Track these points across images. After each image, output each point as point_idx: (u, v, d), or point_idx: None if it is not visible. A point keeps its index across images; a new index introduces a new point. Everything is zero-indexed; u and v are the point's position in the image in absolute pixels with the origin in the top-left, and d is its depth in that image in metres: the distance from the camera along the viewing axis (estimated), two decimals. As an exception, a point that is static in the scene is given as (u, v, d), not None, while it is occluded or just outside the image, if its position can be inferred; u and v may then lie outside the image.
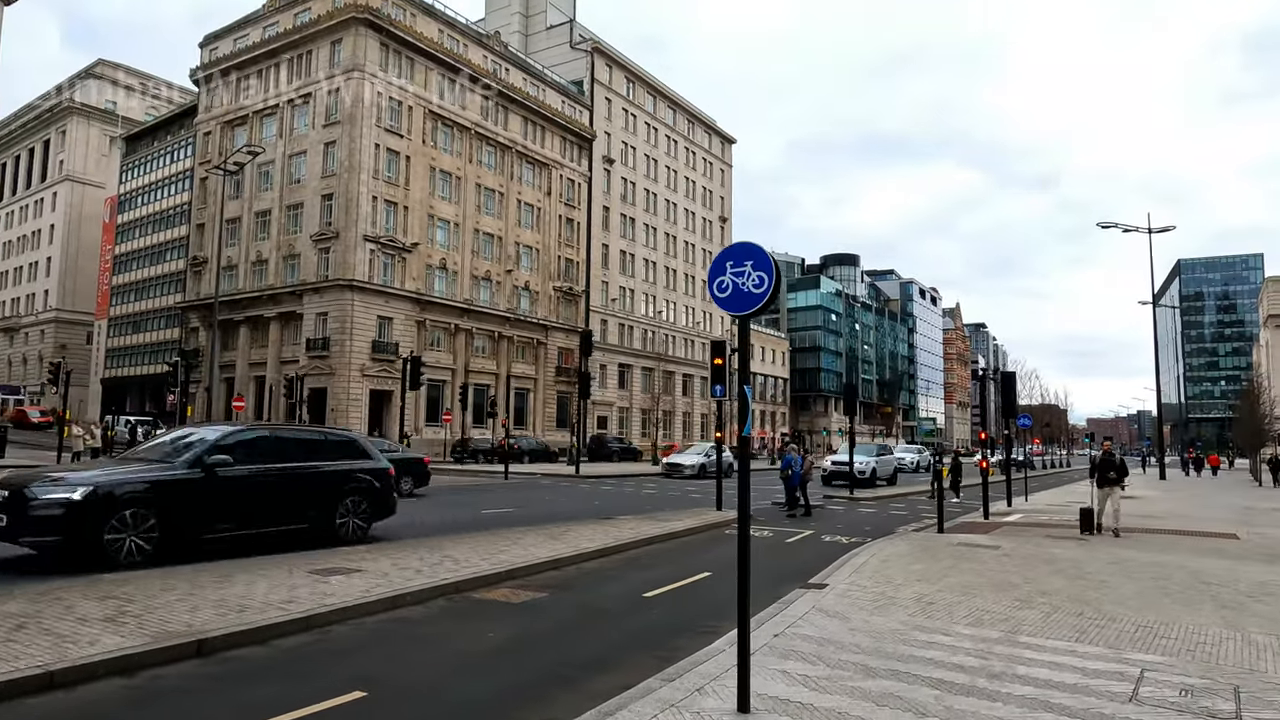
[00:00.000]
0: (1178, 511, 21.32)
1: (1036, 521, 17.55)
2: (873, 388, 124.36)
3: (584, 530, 12.79)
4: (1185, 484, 39.66)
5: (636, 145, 75.19)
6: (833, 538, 14.16)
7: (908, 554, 11.32)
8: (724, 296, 4.76)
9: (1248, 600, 8.50)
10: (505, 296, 59.23)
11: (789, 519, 17.13)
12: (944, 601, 7.97)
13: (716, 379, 16.65)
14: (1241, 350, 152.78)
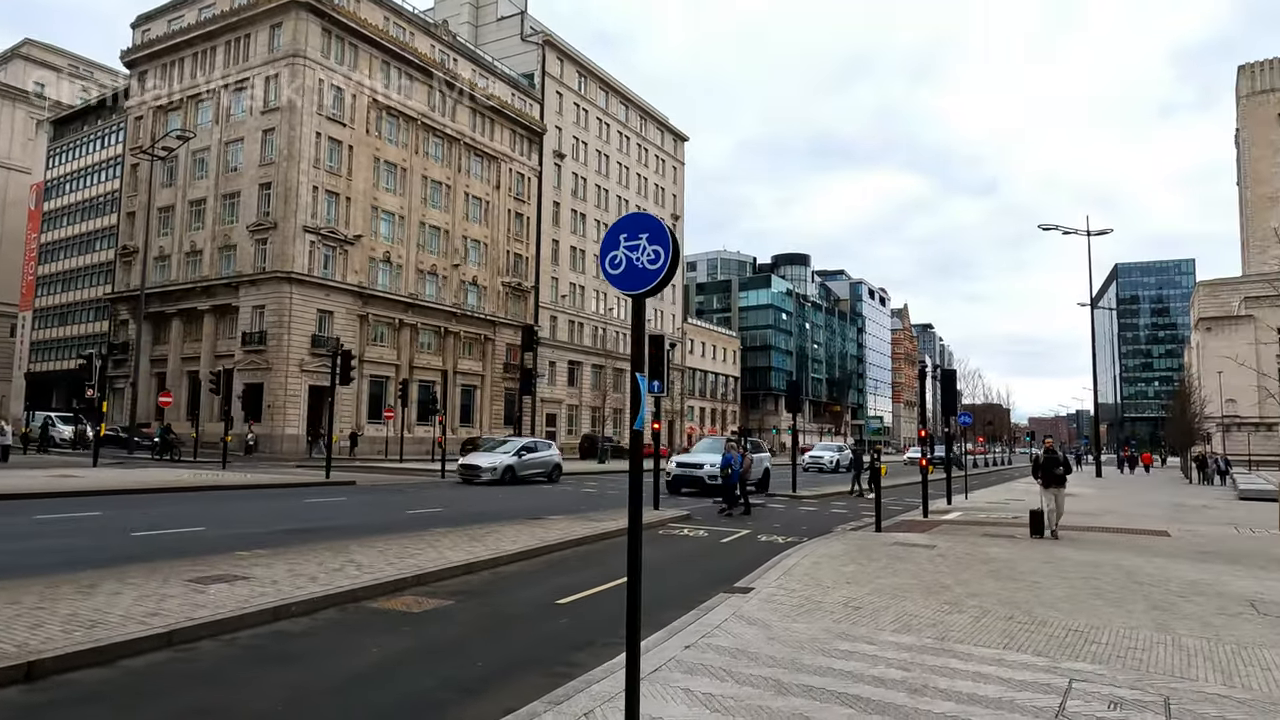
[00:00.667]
0: (1113, 509, 21.52)
1: (975, 520, 17.46)
2: (822, 386, 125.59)
3: (508, 531, 12.19)
4: (1120, 481, 40.51)
5: (588, 140, 74.49)
6: (769, 537, 13.79)
7: (842, 554, 10.98)
8: (616, 273, 4.24)
9: (1179, 601, 8.30)
10: (452, 291, 58.05)
11: (726, 518, 16.75)
12: (872, 606, 7.59)
13: (653, 375, 16.22)
14: (1174, 352, 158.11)
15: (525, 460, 26.88)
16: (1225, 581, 9.58)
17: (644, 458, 5.41)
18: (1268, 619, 7.56)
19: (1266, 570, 10.78)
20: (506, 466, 25.75)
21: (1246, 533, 15.77)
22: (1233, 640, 6.68)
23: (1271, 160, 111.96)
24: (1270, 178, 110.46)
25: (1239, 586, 9.26)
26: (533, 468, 27.09)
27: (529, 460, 27.04)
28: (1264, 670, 5.80)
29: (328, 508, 16.30)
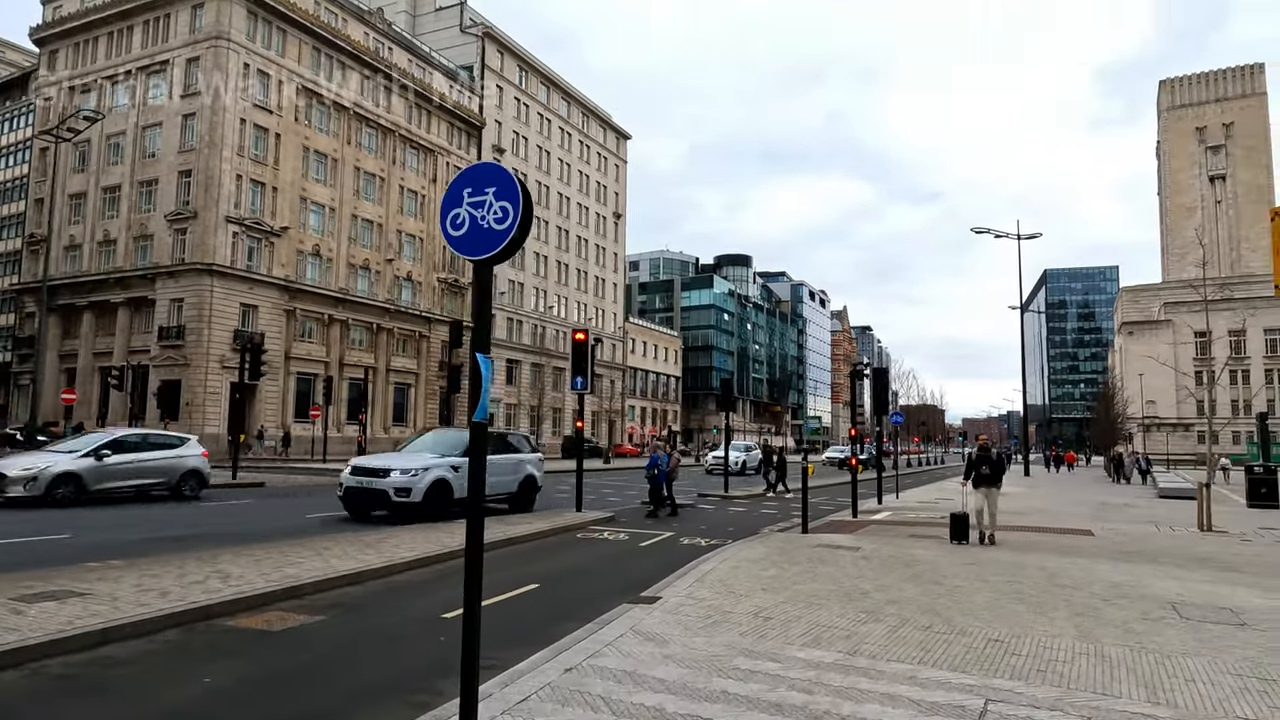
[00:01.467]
0: (1039, 508, 21.63)
1: (903, 520, 17.23)
2: (763, 387, 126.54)
3: (409, 536, 11.37)
4: (1047, 480, 41.32)
5: (529, 136, 73.39)
6: (692, 540, 13.25)
7: (763, 558, 10.47)
8: (458, 235, 3.57)
9: (1102, 605, 7.98)
10: (385, 287, 56.41)
11: (651, 520, 16.17)
12: (784, 616, 7.05)
13: (577, 370, 15.55)
14: (1099, 355, 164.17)
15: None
16: (1147, 583, 9.35)
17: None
18: (1189, 623, 7.26)
19: (1186, 570, 10.64)
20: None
21: (1167, 531, 15.85)
22: (1156, 648, 6.32)
23: (1189, 171, 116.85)
24: (1188, 188, 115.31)
25: (1161, 588, 9.03)
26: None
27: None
28: (1188, 682, 5.41)
29: (223, 511, 15.18)
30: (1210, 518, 16.06)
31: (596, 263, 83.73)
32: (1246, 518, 19.47)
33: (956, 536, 12.71)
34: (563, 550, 11.80)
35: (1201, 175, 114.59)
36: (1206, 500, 16.15)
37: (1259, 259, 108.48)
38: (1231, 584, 9.53)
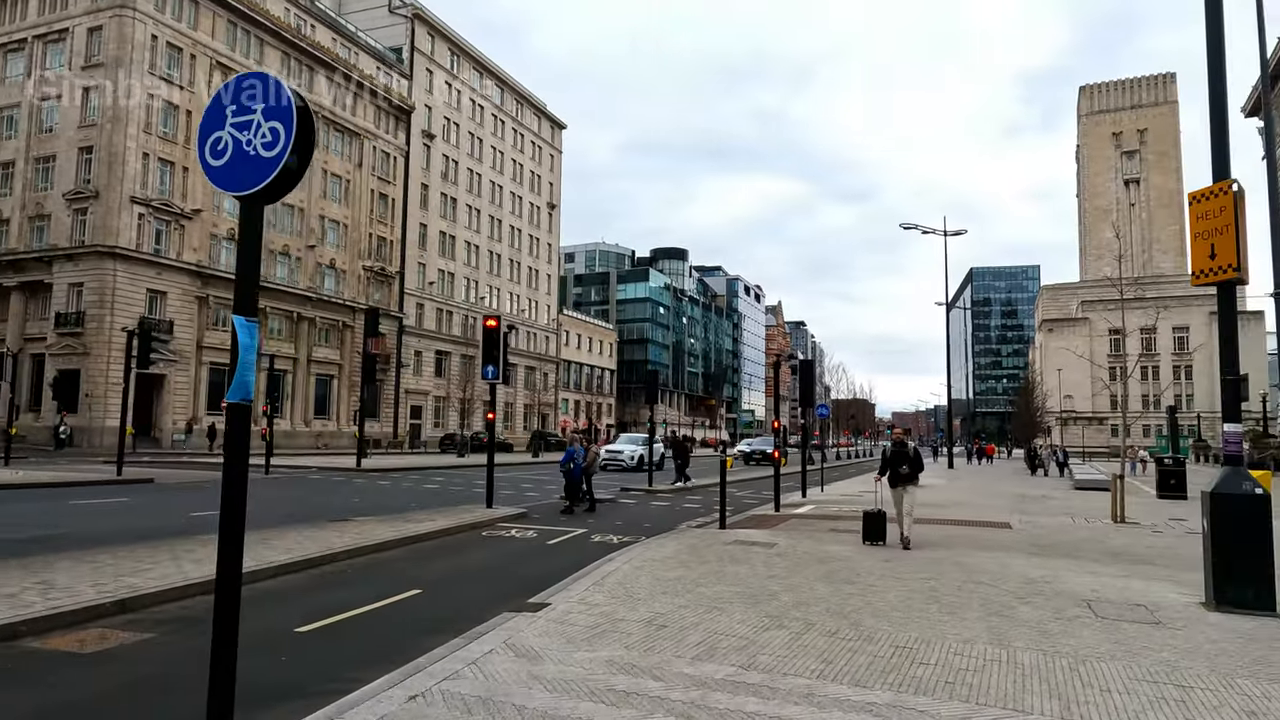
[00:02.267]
0: (959, 500, 21.69)
1: (826, 514, 16.92)
2: (698, 380, 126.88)
3: (289, 539, 10.42)
4: (969, 472, 42.10)
5: (460, 122, 71.59)
6: (604, 537, 12.59)
7: (672, 557, 9.88)
8: (219, 165, 2.80)
9: (1016, 604, 7.61)
10: (307, 274, 54.22)
11: (566, 517, 15.46)
12: (681, 623, 6.44)
13: (487, 358, 14.74)
14: (1021, 351, 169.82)
15: None
16: (1063, 578, 9.08)
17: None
18: (1103, 622, 6.92)
19: (1100, 563, 10.46)
20: None
21: (1082, 523, 15.89)
22: (1070, 652, 5.92)
23: (1106, 175, 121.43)
24: (1104, 191, 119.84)
25: (1075, 584, 8.75)
26: None
27: None
28: (1103, 693, 4.99)
29: (93, 511, 13.87)
30: (1124, 509, 16.18)
31: (530, 253, 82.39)
32: (1157, 509, 19.81)
33: (870, 537, 11.44)
34: (463, 550, 11.01)
35: (1117, 179, 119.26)
36: (1120, 492, 16.26)
37: (1169, 260, 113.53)
38: (1145, 578, 9.34)
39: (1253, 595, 7.38)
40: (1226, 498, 7.50)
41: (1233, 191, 7.83)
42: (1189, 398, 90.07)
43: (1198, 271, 8.06)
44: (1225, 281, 7.85)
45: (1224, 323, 8.06)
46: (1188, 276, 46.81)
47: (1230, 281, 7.83)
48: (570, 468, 16.17)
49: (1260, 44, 19.90)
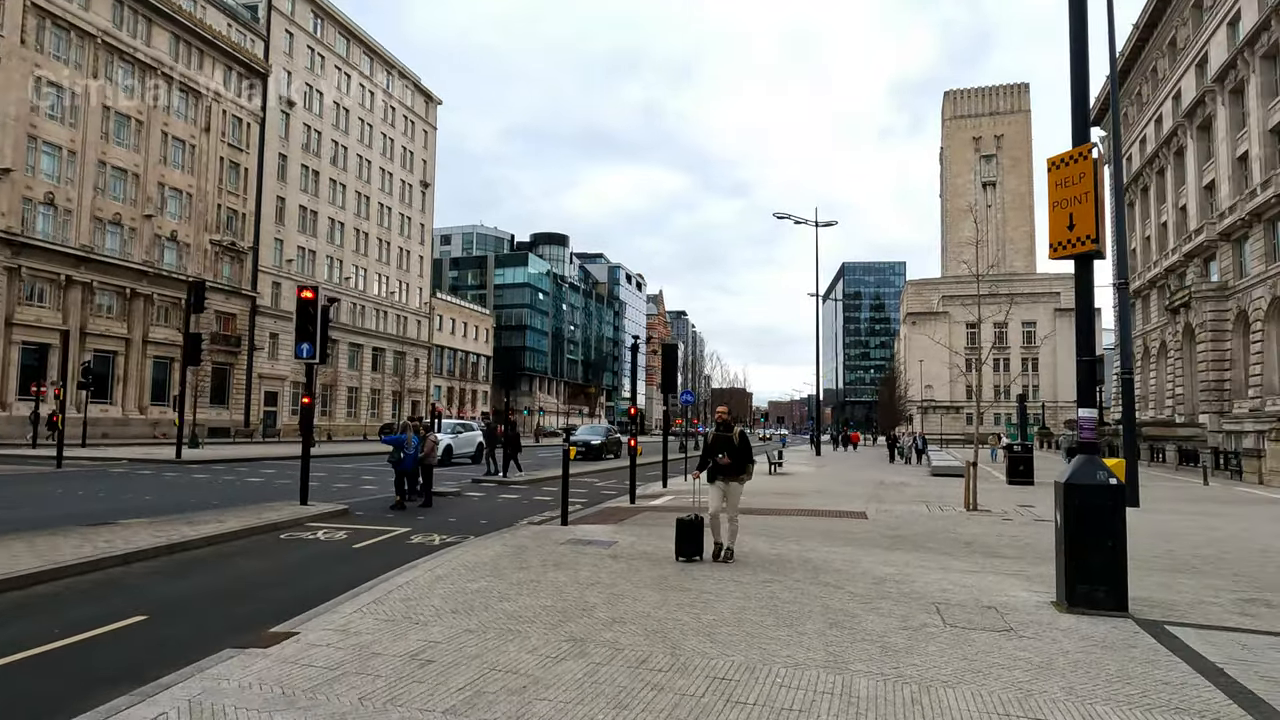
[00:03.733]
0: (819, 488, 21.40)
1: (683, 505, 15.98)
2: (578, 368, 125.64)
3: (15, 546, 8.41)
4: (834, 459, 42.82)
5: (324, 90, 67.11)
6: (426, 538, 11.12)
7: (488, 562, 8.55)
8: None
9: (862, 611, 6.74)
10: (143, 247, 49.25)
11: (393, 513, 13.84)
12: (454, 656, 5.14)
13: (302, 335, 12.91)
14: (887, 344, 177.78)
15: None
16: (913, 576, 8.36)
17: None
18: (954, 632, 6.12)
19: (953, 556, 9.90)
20: None
21: (936, 511, 15.66)
22: (915, 676, 5.01)
23: (966, 177, 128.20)
24: (965, 191, 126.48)
25: (926, 582, 8.04)
26: None
27: None
28: (949, 734, 4.04)
29: None
30: (976, 496, 16.09)
31: (401, 233, 78.60)
32: (1007, 495, 20.09)
33: (684, 552, 8.90)
34: (240, 558, 9.30)
35: (976, 181, 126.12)
36: (973, 479, 16.17)
37: (1020, 259, 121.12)
38: (997, 573, 8.77)
39: (1104, 594, 6.80)
40: (1080, 489, 6.88)
41: (1092, 157, 7.22)
42: (1035, 388, 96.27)
43: (1055, 244, 7.42)
44: (1084, 254, 7.24)
45: (1081, 298, 7.46)
46: (1037, 275, 48.33)
47: (1089, 254, 7.22)
48: (401, 458, 14.52)
49: (1110, 41, 20.37)
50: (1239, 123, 41.22)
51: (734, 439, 9.16)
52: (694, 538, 8.98)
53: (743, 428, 9.46)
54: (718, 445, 9.20)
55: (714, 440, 9.29)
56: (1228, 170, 42.20)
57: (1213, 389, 42.86)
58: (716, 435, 9.31)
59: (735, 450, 9.09)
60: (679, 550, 8.97)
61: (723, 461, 9.07)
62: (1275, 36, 36.71)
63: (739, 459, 9.10)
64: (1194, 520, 14.75)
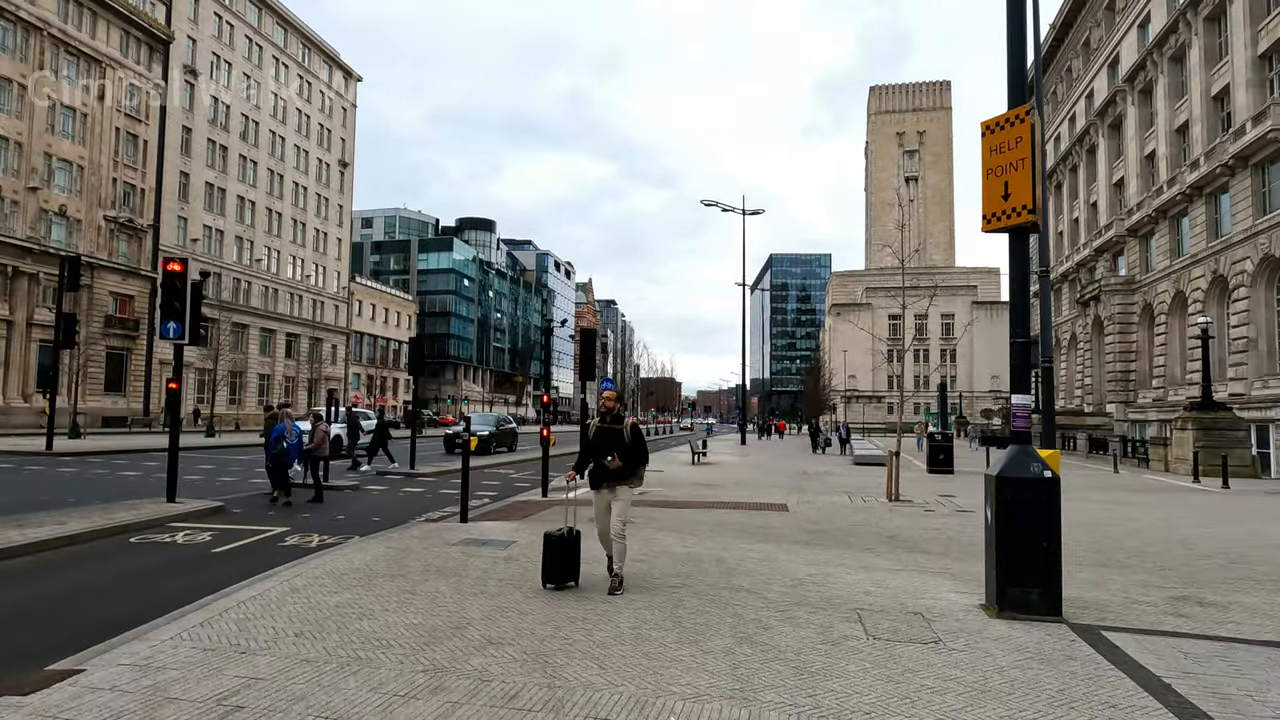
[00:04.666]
0: (740, 478, 20.84)
1: (598, 498, 15.16)
2: (504, 356, 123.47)
3: None
4: (758, 448, 42.67)
5: (233, 61, 63.50)
6: (303, 538, 9.96)
7: (360, 569, 7.51)
8: None
9: (776, 621, 5.99)
10: (27, 221, 45.60)
11: (275, 510, 12.57)
12: (271, 699, 4.14)
13: (169, 313, 11.52)
14: (813, 334, 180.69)
15: None
16: (834, 577, 7.70)
17: None
18: (876, 645, 5.42)
19: (876, 553, 9.31)
20: None
21: (859, 502, 15.22)
22: (832, 705, 4.26)
23: (890, 171, 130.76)
24: (888, 185, 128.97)
25: (847, 584, 7.38)
26: None
27: None
28: (873, 791, 3.27)
29: None
30: (898, 486, 15.73)
31: (318, 214, 75.31)
32: (928, 484, 19.92)
33: (553, 577, 6.97)
34: (74, 567, 8.01)
35: (900, 175, 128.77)
36: (895, 469, 15.80)
37: (940, 252, 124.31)
38: (921, 571, 8.19)
39: (1038, 597, 6.22)
40: (1013, 483, 6.27)
41: (1030, 120, 6.61)
42: (953, 379, 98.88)
43: (989, 215, 6.79)
44: (1019, 226, 6.63)
45: (1016, 274, 6.86)
46: (956, 269, 48.94)
47: (1025, 226, 6.62)
48: (284, 447, 13.21)
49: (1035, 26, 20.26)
50: (1147, 122, 42.58)
51: (624, 434, 7.12)
52: (567, 558, 7.04)
53: (635, 419, 7.25)
54: (603, 441, 7.13)
55: (597, 435, 7.18)
56: (1136, 168, 43.59)
57: (1119, 379, 44.35)
58: (601, 429, 7.18)
59: (626, 449, 7.07)
60: (546, 574, 7.00)
61: (611, 464, 7.03)
62: (1183, 39, 37.89)
63: (631, 459, 7.12)
64: (1111, 510, 14.67)
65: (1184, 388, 36.48)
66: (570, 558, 7.10)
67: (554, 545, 7.05)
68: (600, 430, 7.21)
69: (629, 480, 7.22)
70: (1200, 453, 22.93)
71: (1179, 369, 38.19)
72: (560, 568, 7.04)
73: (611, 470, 7.09)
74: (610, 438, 7.11)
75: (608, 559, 7.18)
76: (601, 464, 7.12)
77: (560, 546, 7.06)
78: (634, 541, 9.59)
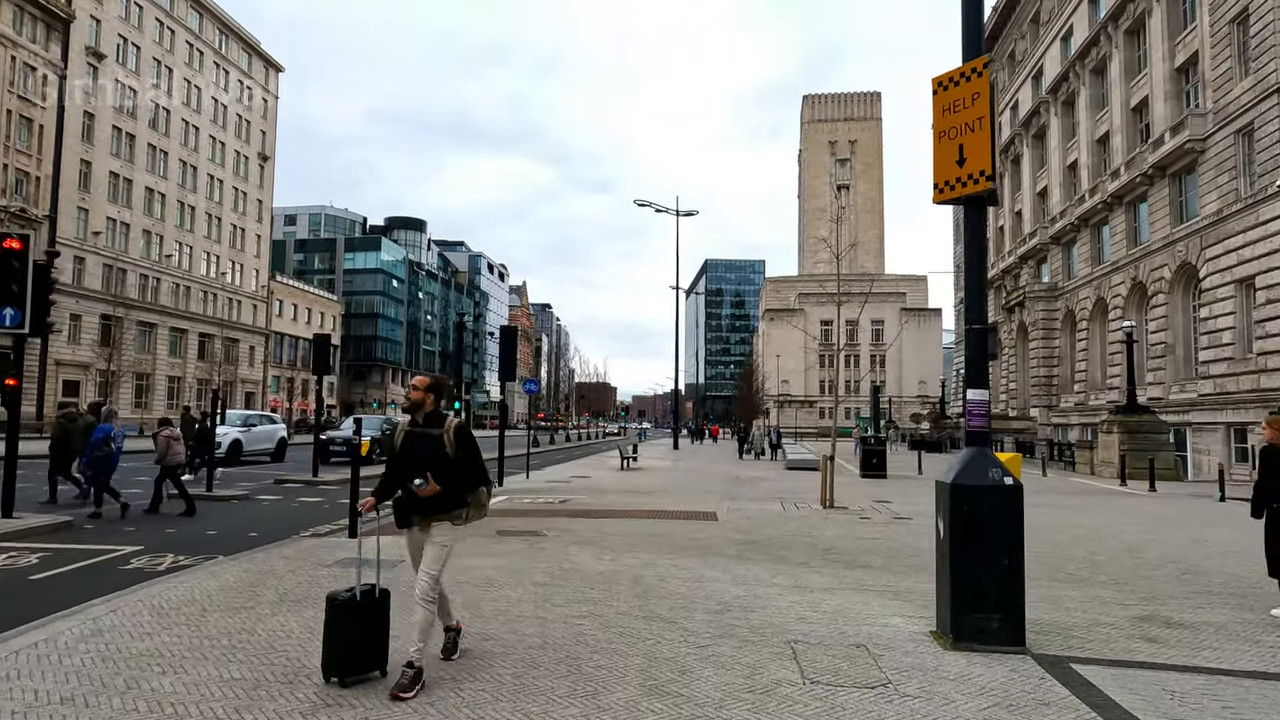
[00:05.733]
0: (671, 485, 19.88)
1: (514, 508, 13.98)
2: (435, 360, 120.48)
3: None
4: (690, 452, 41.92)
5: (142, 45, 59.98)
6: (154, 560, 8.52)
7: (199, 599, 6.19)
8: None
9: (695, 661, 4.96)
10: (-101, 208, 41.82)
11: (133, 525, 10.95)
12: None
13: (7, 299, 9.91)
14: (747, 340, 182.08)
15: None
16: (765, 600, 6.73)
17: None
18: (815, 691, 4.44)
19: (812, 568, 8.41)
20: None
21: (792, 510, 14.39)
22: (761, 788, 3.23)
23: (822, 179, 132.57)
24: (821, 193, 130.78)
25: (780, 609, 6.41)
26: None
27: None
28: None
29: None
30: (833, 492, 14.97)
31: (235, 209, 71.85)
32: (862, 488, 19.33)
33: (336, 670, 4.46)
34: None
35: (832, 184, 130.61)
36: (830, 474, 15.04)
37: (871, 260, 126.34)
38: (861, 589, 7.29)
39: (999, 625, 5.34)
40: (971, 491, 5.39)
41: (987, 75, 5.76)
42: (882, 384, 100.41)
43: (941, 184, 5.92)
44: (976, 195, 5.77)
45: (973, 252, 6.01)
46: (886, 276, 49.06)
47: (982, 195, 5.76)
48: (108, 453, 11.56)
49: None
50: (1070, 132, 43.48)
51: (444, 442, 4.65)
52: (359, 634, 4.49)
53: (459, 420, 4.98)
54: (411, 453, 4.69)
55: (405, 443, 4.76)
56: (1059, 177, 44.49)
57: (1043, 384, 45.14)
58: (411, 434, 4.77)
59: (448, 465, 4.61)
60: (328, 666, 4.49)
61: (423, 490, 4.52)
62: (1104, 51, 38.72)
63: (454, 481, 4.62)
64: (1048, 515, 14.18)
65: (1105, 392, 37.16)
66: (363, 633, 4.50)
67: (338, 616, 4.45)
68: (409, 437, 4.75)
69: (452, 514, 4.63)
70: (1127, 456, 22.98)
71: (1100, 374, 38.93)
72: (348, 650, 4.43)
73: (423, 499, 4.56)
74: (422, 447, 4.65)
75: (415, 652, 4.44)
76: (410, 491, 4.59)
77: (345, 618, 4.45)
78: (539, 557, 8.49)
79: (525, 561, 8.30)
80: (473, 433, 4.91)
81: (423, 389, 4.83)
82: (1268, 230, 26.14)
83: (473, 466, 4.77)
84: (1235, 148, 27.98)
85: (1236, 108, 27.70)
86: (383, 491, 4.87)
